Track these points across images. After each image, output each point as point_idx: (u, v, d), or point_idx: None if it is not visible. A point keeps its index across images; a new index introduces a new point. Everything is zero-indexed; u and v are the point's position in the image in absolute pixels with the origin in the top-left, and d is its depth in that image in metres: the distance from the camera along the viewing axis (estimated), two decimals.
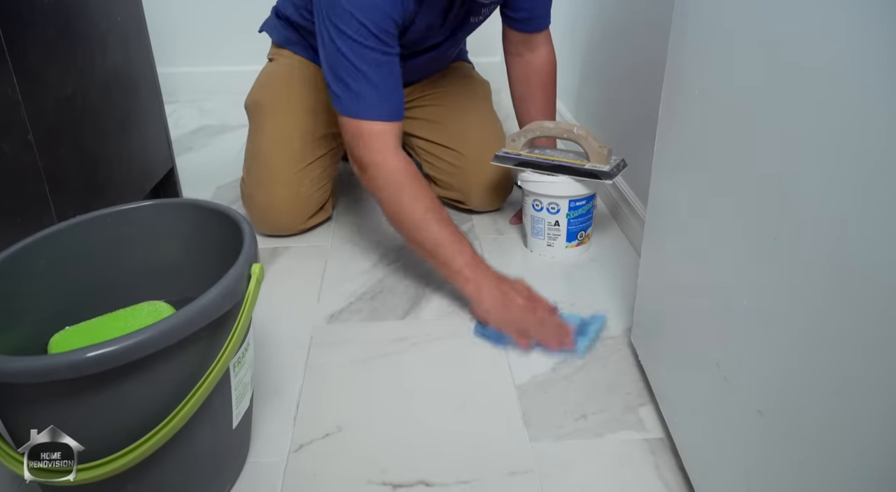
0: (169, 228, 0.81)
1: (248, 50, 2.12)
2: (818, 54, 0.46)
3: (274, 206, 1.27)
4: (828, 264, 0.46)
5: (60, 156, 0.92)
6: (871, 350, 0.41)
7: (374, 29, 0.99)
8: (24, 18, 0.85)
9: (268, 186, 1.27)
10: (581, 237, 1.20)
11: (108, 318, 0.77)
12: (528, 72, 1.31)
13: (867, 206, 0.41)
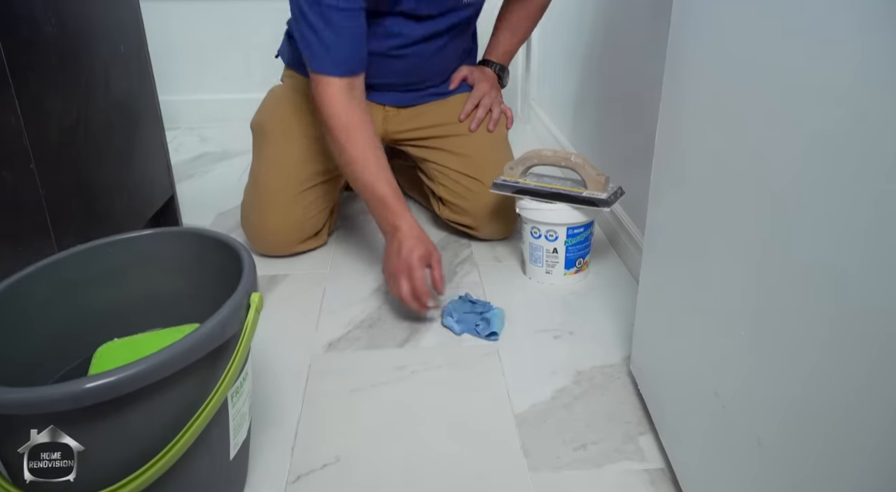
0: (169, 256, 0.81)
1: (249, 78, 2.15)
2: (817, 83, 0.47)
3: (266, 229, 1.30)
4: (828, 292, 0.46)
5: (62, 184, 0.92)
6: (869, 380, 0.42)
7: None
8: (28, 47, 0.86)
9: (262, 210, 1.29)
10: (579, 265, 1.20)
11: (154, 335, 0.78)
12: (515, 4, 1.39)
13: (869, 235, 0.42)
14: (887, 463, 0.40)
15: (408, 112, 1.37)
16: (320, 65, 1.11)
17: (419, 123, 1.37)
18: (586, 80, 1.57)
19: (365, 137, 1.13)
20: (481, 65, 1.45)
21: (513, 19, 1.42)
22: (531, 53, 2.11)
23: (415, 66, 1.30)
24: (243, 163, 1.47)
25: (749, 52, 0.56)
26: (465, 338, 1.06)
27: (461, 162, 1.33)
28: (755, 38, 0.55)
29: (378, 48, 1.23)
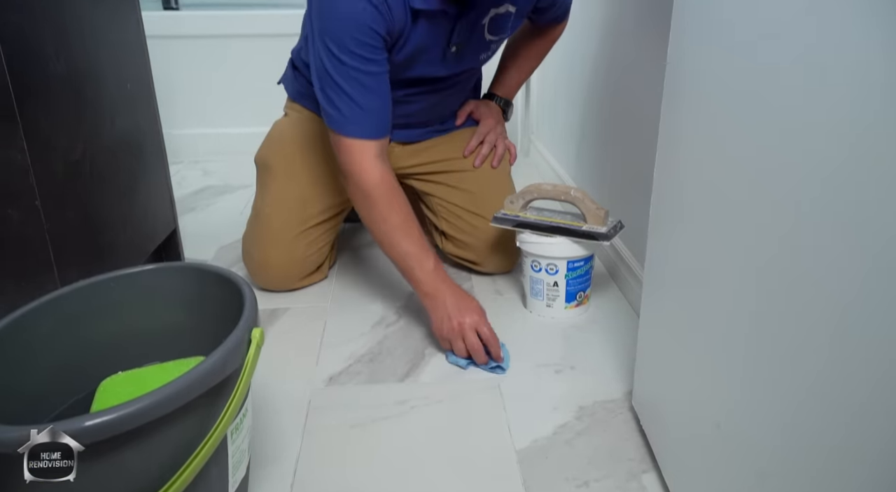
0: (171, 291, 0.82)
1: (252, 112, 2.18)
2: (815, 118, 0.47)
3: (269, 265, 1.30)
4: (829, 326, 0.46)
5: (66, 220, 0.93)
6: (870, 412, 0.42)
7: (358, 44, 1.02)
8: (37, 86, 0.87)
9: (264, 246, 1.30)
10: (580, 298, 1.20)
11: (158, 369, 0.78)
12: (535, 35, 1.39)
13: (870, 270, 0.42)
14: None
15: (413, 147, 1.38)
16: (354, 130, 1.09)
17: (424, 159, 1.38)
18: (586, 113, 1.59)
19: (404, 202, 1.13)
20: (486, 98, 1.46)
21: (520, 56, 1.44)
22: (531, 87, 2.14)
23: (423, 109, 1.32)
24: (245, 196, 1.48)
25: (745, 86, 0.57)
26: (465, 372, 1.06)
27: (465, 198, 1.34)
28: (751, 73, 0.56)
29: (403, 91, 1.24)
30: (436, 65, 1.19)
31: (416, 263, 1.09)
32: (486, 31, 1.18)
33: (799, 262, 0.49)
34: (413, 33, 1.10)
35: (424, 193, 1.40)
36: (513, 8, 1.17)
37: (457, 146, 1.38)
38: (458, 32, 1.14)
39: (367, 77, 1.06)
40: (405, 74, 1.18)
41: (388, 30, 1.05)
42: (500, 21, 1.18)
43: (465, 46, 1.18)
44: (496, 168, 1.38)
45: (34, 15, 0.87)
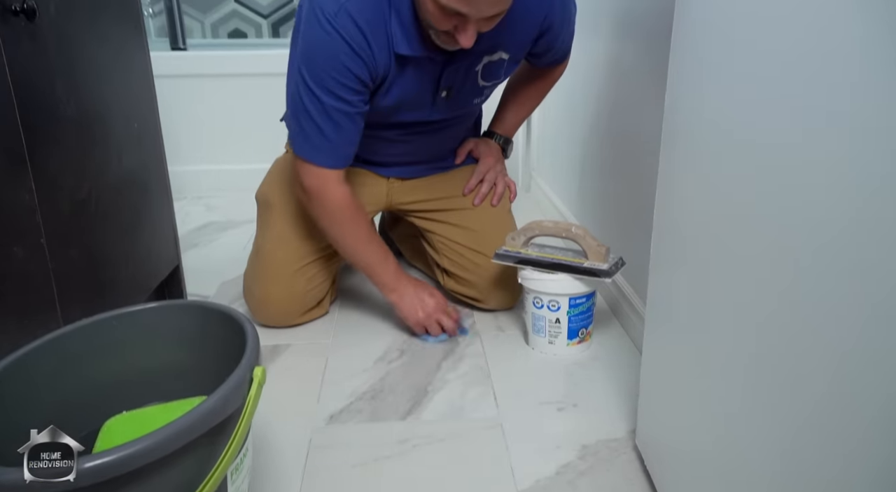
0: (173, 330, 0.82)
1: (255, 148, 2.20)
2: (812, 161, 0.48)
3: (269, 301, 1.31)
4: (827, 371, 0.46)
5: (70, 258, 0.94)
6: (866, 453, 0.41)
7: (336, 85, 1.07)
8: (47, 129, 0.89)
9: (265, 282, 1.31)
10: (582, 335, 1.20)
11: (161, 408, 0.78)
12: (524, 76, 1.40)
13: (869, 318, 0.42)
14: None
15: (412, 183, 1.40)
16: (321, 159, 1.15)
17: (424, 195, 1.39)
18: (586, 150, 1.61)
19: (364, 217, 1.24)
20: (485, 136, 1.48)
21: (521, 95, 1.44)
22: (532, 123, 2.17)
23: (419, 148, 1.34)
24: (248, 232, 1.49)
25: (741, 130, 0.58)
26: (467, 410, 1.05)
27: (466, 235, 1.35)
28: (748, 115, 0.57)
29: (383, 135, 1.27)
30: (426, 109, 1.21)
31: (380, 269, 1.24)
32: (480, 78, 1.20)
33: (798, 304, 0.50)
34: (399, 78, 1.12)
35: (426, 231, 1.41)
36: (506, 55, 1.19)
37: (457, 184, 1.39)
38: (447, 78, 1.16)
39: (340, 115, 1.10)
40: (396, 118, 1.21)
41: (370, 74, 1.08)
42: (494, 68, 1.20)
43: (457, 91, 1.20)
44: (496, 206, 1.39)
45: (47, 59, 0.89)
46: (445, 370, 1.17)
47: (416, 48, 1.08)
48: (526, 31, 1.18)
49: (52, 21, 0.89)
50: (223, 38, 2.69)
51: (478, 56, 1.15)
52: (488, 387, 1.12)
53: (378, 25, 1.05)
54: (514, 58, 1.22)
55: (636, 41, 1.26)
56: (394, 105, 1.17)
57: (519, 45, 1.20)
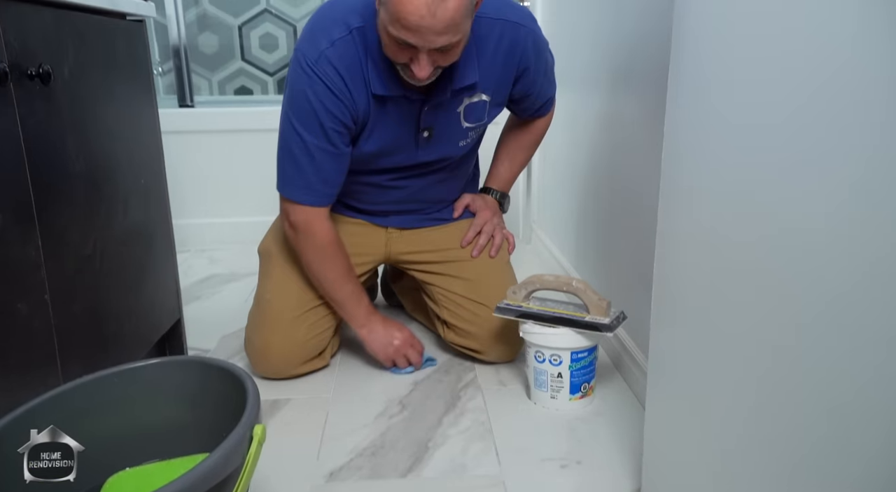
0: (174, 386, 0.82)
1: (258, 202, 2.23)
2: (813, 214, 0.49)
3: (269, 349, 1.30)
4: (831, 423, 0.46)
5: (73, 313, 0.94)
6: None
7: (317, 125, 1.15)
8: (56, 186, 0.91)
9: (265, 331, 1.31)
10: (585, 389, 1.19)
11: (163, 466, 0.77)
12: (512, 130, 1.46)
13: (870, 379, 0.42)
14: None
15: (411, 233, 1.41)
16: (304, 197, 1.23)
17: (423, 246, 1.40)
18: (586, 202, 1.63)
19: (345, 256, 1.30)
20: (482, 192, 1.50)
21: (510, 148, 1.48)
22: (532, 176, 2.20)
23: (413, 195, 1.36)
24: (250, 284, 1.50)
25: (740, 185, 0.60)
26: (469, 467, 1.03)
27: (466, 286, 1.36)
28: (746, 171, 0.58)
29: (375, 180, 1.30)
30: (410, 150, 1.25)
31: (353, 305, 1.31)
32: (463, 119, 1.25)
33: (799, 358, 0.50)
34: (379, 121, 1.19)
35: (426, 283, 1.41)
36: (486, 97, 1.24)
37: (455, 236, 1.41)
38: (426, 118, 1.21)
39: (322, 154, 1.18)
40: (384, 163, 1.26)
41: (350, 116, 1.16)
42: (476, 110, 1.25)
43: (440, 132, 1.24)
44: (494, 257, 1.40)
45: (60, 119, 0.92)
46: (447, 425, 1.16)
47: (391, 88, 1.15)
48: (502, 73, 1.22)
49: (65, 83, 0.92)
50: (230, 95, 2.76)
51: (457, 97, 1.21)
52: (490, 443, 1.10)
53: (355, 70, 1.14)
54: (496, 101, 1.27)
55: (634, 95, 1.29)
56: (377, 150, 1.23)
57: (497, 87, 1.24)
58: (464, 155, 1.35)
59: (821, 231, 0.47)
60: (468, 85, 1.18)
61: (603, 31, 1.46)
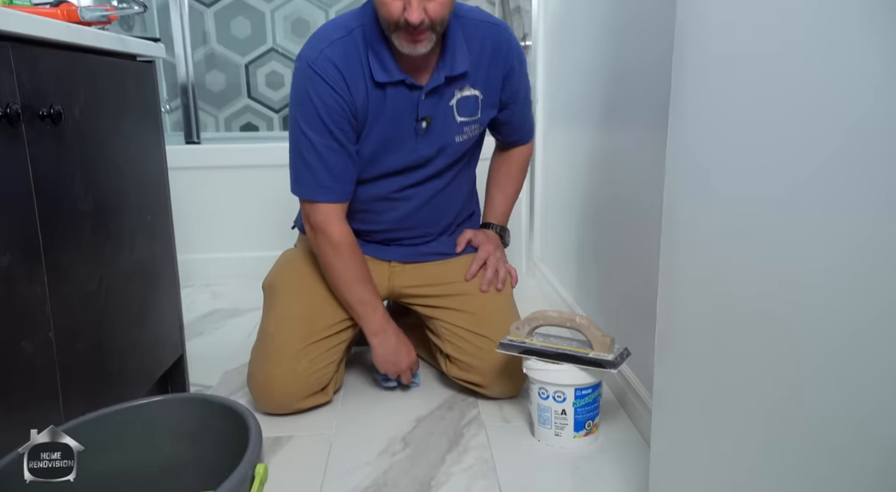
0: (176, 423, 0.81)
1: (263, 237, 2.25)
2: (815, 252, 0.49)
3: (271, 383, 1.30)
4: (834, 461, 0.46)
5: (77, 350, 0.95)
6: None
7: (320, 122, 1.22)
8: (63, 222, 0.92)
9: (267, 364, 1.31)
10: (589, 427, 1.18)
11: None
12: (500, 163, 1.52)
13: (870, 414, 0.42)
14: None
15: (413, 267, 1.42)
16: (318, 195, 1.28)
17: (425, 280, 1.41)
18: (588, 237, 1.64)
19: (362, 258, 1.34)
20: (483, 228, 1.52)
21: (499, 180, 1.52)
22: (534, 210, 2.21)
23: (418, 210, 1.38)
24: (253, 320, 1.50)
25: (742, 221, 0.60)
26: None
27: (469, 320, 1.36)
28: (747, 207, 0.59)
29: (380, 191, 1.34)
30: (410, 142, 1.30)
31: (369, 309, 1.32)
32: (456, 113, 1.31)
33: (805, 394, 0.50)
34: (380, 109, 1.25)
35: (428, 318, 1.42)
36: (478, 93, 1.31)
37: (457, 270, 1.42)
38: (424, 107, 1.27)
39: (329, 152, 1.24)
40: (388, 162, 1.31)
41: (351, 112, 1.23)
42: (468, 105, 1.31)
43: (437, 124, 1.29)
44: (499, 291, 1.40)
45: (69, 158, 0.94)
46: (450, 463, 1.15)
47: (392, 74, 1.22)
48: (490, 70, 1.30)
49: (76, 123, 0.94)
50: (236, 131, 2.80)
51: (451, 88, 1.28)
52: (494, 481, 1.09)
53: (354, 63, 1.22)
54: (488, 100, 1.33)
55: (634, 130, 1.30)
56: (380, 143, 1.28)
57: (487, 85, 1.31)
58: (461, 159, 1.38)
59: (823, 269, 0.48)
60: (460, 73, 1.26)
61: (602, 65, 1.49)
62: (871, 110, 0.43)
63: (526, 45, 2.20)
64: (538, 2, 2.07)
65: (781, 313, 0.53)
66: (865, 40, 0.44)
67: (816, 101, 0.48)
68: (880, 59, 0.43)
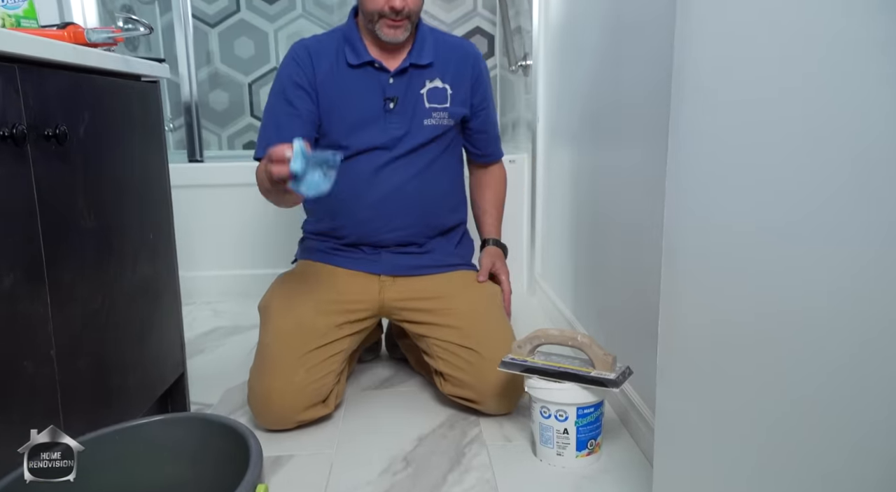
0: (176, 443, 0.81)
1: (264, 254, 2.25)
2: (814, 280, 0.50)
3: (270, 396, 1.30)
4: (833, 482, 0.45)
5: (78, 368, 0.94)
6: None
7: (280, 89, 1.39)
8: (66, 241, 0.92)
9: (264, 377, 1.31)
10: (591, 446, 1.17)
11: None
12: (483, 179, 1.61)
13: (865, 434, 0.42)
14: None
15: (403, 281, 1.44)
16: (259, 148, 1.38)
17: (415, 294, 1.42)
18: (589, 255, 1.64)
19: None
20: (484, 244, 1.57)
21: (483, 198, 1.60)
22: (535, 229, 2.22)
23: (394, 192, 1.40)
24: (254, 337, 1.50)
25: (741, 246, 0.61)
26: None
27: (458, 334, 1.36)
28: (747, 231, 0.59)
29: (358, 172, 1.38)
30: (381, 119, 1.39)
31: None
32: (426, 100, 1.42)
33: (802, 418, 0.50)
34: (350, 86, 1.39)
35: (420, 336, 1.42)
36: (447, 86, 1.43)
37: (447, 284, 1.44)
38: (390, 89, 1.39)
39: (284, 116, 1.37)
40: (360, 138, 1.39)
41: (308, 79, 1.38)
42: (438, 94, 1.43)
43: (404, 105, 1.40)
44: (489, 304, 1.42)
45: (73, 177, 0.94)
46: (451, 484, 1.14)
47: (362, 56, 1.39)
48: (458, 68, 1.45)
49: (80, 143, 0.95)
50: (238, 149, 2.82)
51: (418, 78, 1.41)
52: None
53: (328, 49, 1.40)
54: (458, 97, 1.44)
55: (635, 147, 1.31)
56: (353, 120, 1.39)
57: (456, 81, 1.44)
58: (431, 144, 1.43)
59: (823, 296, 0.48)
60: (425, 63, 1.41)
61: (602, 85, 1.50)
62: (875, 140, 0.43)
63: (526, 65, 2.22)
64: (538, 22, 2.09)
65: (781, 335, 0.53)
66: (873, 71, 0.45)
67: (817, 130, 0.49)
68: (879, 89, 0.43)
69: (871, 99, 0.44)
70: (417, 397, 1.48)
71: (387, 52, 1.40)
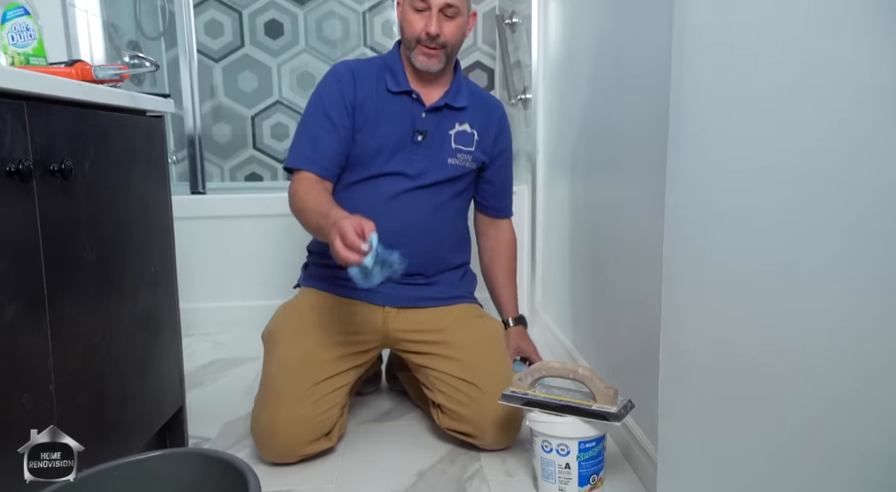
0: (175, 479, 0.80)
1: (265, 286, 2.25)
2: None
3: (276, 428, 1.28)
4: None
5: (77, 403, 0.94)
6: None
7: (319, 105, 1.41)
8: (68, 274, 0.93)
9: (271, 408, 1.30)
10: (594, 481, 1.16)
11: None
12: (494, 247, 1.63)
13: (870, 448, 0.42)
14: None
15: (407, 312, 1.44)
16: (301, 163, 1.40)
17: (419, 326, 1.42)
18: (589, 287, 1.64)
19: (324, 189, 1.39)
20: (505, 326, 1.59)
21: (496, 276, 1.62)
22: (535, 260, 2.22)
23: (409, 227, 1.39)
24: (254, 369, 1.50)
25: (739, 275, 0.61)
26: None
27: (458, 367, 1.36)
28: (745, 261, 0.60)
29: (377, 194, 1.40)
30: (407, 147, 1.42)
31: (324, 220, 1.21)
32: (453, 141, 1.46)
33: (804, 452, 0.50)
34: (385, 113, 1.41)
35: (420, 367, 1.42)
36: (475, 132, 1.48)
37: (450, 317, 1.44)
38: (421, 122, 1.43)
39: (320, 130, 1.39)
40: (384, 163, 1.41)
41: (350, 99, 1.41)
42: (465, 137, 1.47)
43: (431, 140, 1.43)
44: (491, 339, 1.43)
45: (77, 211, 0.95)
46: None
47: (402, 85, 1.43)
48: (486, 121, 1.50)
49: (85, 177, 0.96)
50: (240, 181, 2.84)
51: (449, 119, 1.45)
52: None
53: (370, 74, 1.44)
54: (482, 145, 1.49)
55: (633, 179, 1.32)
56: (380, 141, 1.41)
57: (482, 130, 1.49)
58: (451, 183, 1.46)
59: (823, 322, 0.48)
60: (460, 106, 1.46)
61: (601, 118, 1.52)
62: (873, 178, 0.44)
63: (526, 98, 2.25)
64: (537, 56, 2.13)
65: (783, 369, 0.53)
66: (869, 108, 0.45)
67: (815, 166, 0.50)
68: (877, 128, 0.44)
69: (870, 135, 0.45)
70: (418, 431, 1.47)
71: (425, 84, 1.44)
